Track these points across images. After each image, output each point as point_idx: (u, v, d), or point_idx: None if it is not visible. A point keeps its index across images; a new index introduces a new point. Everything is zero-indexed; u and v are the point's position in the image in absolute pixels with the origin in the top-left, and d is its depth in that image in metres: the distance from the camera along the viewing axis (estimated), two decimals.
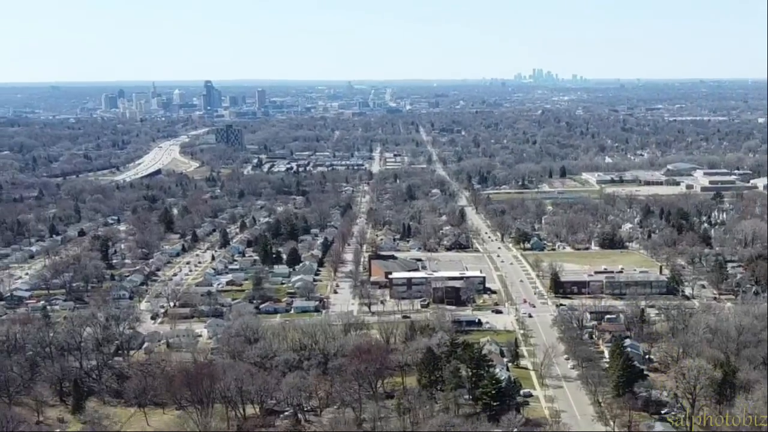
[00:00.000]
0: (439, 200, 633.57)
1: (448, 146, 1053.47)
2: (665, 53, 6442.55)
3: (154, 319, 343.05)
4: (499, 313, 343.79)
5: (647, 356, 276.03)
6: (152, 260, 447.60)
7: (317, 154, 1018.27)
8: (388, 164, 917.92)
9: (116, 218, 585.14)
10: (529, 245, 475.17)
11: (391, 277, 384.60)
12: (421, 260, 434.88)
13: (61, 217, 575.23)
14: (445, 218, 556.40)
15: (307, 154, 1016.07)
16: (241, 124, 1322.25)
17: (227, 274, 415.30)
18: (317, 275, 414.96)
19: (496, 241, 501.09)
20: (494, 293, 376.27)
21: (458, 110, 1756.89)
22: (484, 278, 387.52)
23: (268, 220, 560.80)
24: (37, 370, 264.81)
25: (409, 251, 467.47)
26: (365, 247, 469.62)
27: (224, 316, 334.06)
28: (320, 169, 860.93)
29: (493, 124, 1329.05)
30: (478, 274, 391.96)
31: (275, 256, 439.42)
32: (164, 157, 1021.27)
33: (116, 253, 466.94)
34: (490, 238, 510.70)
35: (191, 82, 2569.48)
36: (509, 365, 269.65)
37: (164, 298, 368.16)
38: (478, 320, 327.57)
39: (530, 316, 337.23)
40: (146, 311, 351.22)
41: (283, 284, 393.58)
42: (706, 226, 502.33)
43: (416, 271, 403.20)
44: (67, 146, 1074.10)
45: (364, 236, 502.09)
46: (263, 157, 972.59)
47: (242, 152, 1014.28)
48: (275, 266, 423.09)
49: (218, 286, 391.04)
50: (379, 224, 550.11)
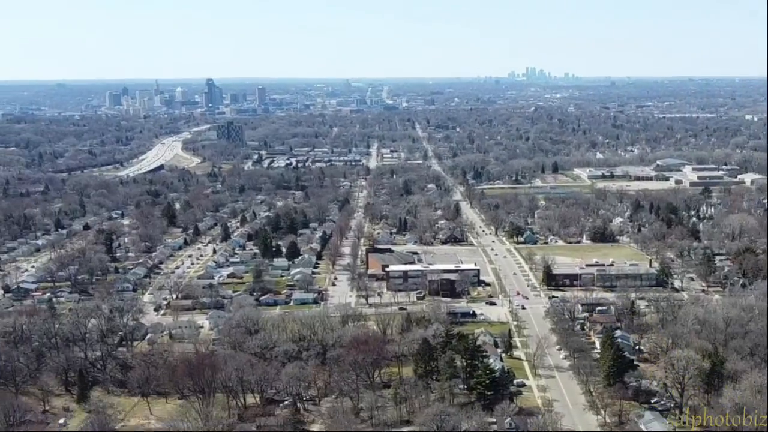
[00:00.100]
0: (434, 195, 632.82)
1: (443, 142, 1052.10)
2: (655, 52, 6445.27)
3: (157, 310, 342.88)
4: (493, 305, 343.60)
5: (637, 347, 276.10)
6: (155, 253, 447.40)
7: (316, 150, 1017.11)
8: (384, 160, 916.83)
9: (120, 212, 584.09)
10: (522, 239, 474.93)
11: (387, 269, 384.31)
12: (417, 253, 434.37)
13: (66, 211, 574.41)
14: (440, 212, 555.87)
15: (306, 150, 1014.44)
16: (241, 120, 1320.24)
17: (228, 267, 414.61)
18: (316, 268, 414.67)
19: (490, 234, 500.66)
20: (488, 286, 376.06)
21: (453, 107, 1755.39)
22: (478, 271, 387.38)
23: (268, 214, 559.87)
24: (43, 360, 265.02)
25: (405, 245, 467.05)
26: (363, 240, 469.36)
27: (225, 307, 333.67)
28: (319, 164, 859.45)
29: (487, 120, 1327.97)
30: (472, 267, 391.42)
31: (275, 249, 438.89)
32: (167, 153, 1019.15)
33: (120, 246, 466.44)
34: (484, 231, 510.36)
35: (193, 80, 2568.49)
36: (503, 356, 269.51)
37: (167, 290, 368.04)
38: (472, 312, 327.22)
39: (523, 307, 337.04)
40: (149, 303, 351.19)
41: (282, 277, 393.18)
42: (694, 220, 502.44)
43: (412, 264, 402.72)
44: (72, 142, 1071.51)
45: (361, 230, 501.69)
46: (263, 153, 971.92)
47: (243, 148, 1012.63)
48: (275, 259, 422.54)
49: (219, 278, 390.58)
50: (376, 218, 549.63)
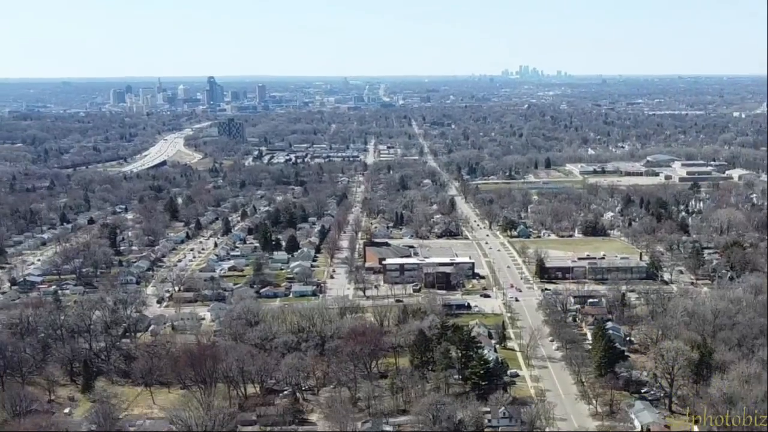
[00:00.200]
0: (430, 190, 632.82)
1: (438, 139, 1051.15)
2: (645, 51, 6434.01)
3: (159, 303, 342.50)
4: (487, 297, 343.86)
5: (628, 338, 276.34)
6: (158, 247, 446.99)
7: (315, 146, 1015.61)
8: (381, 156, 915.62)
9: (124, 207, 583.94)
10: (515, 233, 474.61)
11: (384, 263, 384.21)
12: (413, 247, 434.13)
13: (71, 206, 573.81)
14: (436, 207, 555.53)
15: (305, 146, 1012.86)
16: (242, 117, 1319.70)
17: (229, 260, 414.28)
18: (315, 261, 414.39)
19: (484, 228, 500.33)
20: (483, 278, 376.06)
21: (448, 105, 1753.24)
22: (473, 264, 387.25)
23: (267, 209, 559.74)
24: (48, 351, 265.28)
25: (401, 238, 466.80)
26: (360, 234, 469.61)
27: (226, 300, 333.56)
28: (317, 160, 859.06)
29: (481, 117, 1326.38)
30: (467, 260, 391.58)
31: (275, 243, 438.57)
32: (169, 149, 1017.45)
33: (124, 240, 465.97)
34: (478, 226, 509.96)
35: (195, 78, 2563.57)
36: (497, 347, 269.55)
37: (169, 283, 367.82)
38: (467, 304, 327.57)
39: (517, 300, 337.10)
40: (152, 295, 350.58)
41: (282, 270, 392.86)
42: (683, 214, 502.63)
43: (409, 257, 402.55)
44: (77, 139, 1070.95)
45: (359, 224, 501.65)
46: (263, 149, 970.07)
47: (243, 144, 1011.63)
48: (275, 253, 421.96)
49: (221, 271, 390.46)
50: (373, 213, 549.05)
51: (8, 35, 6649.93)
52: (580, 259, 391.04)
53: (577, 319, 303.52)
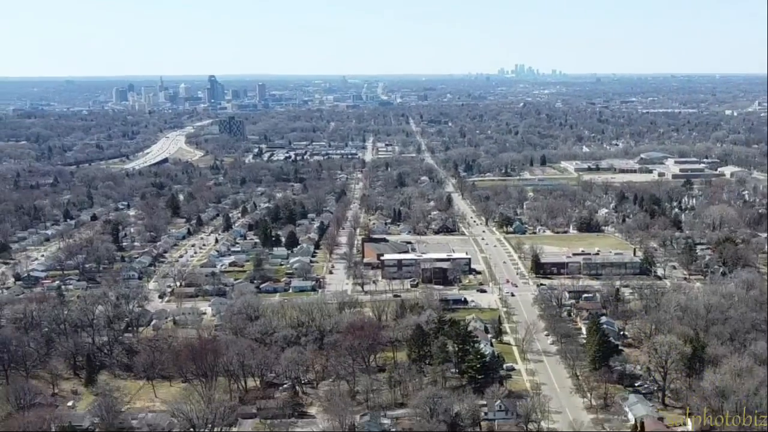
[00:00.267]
0: (427, 187, 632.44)
1: (435, 136, 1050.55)
2: (639, 50, 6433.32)
3: (161, 297, 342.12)
4: (483, 292, 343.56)
5: (622, 332, 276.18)
6: (160, 243, 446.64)
7: (314, 143, 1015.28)
8: (380, 153, 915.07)
9: (126, 204, 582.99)
10: (511, 229, 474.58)
11: (382, 258, 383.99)
12: (410, 243, 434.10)
13: (74, 202, 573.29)
14: (433, 204, 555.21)
15: (304, 143, 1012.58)
16: (242, 115, 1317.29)
17: (230, 255, 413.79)
18: (314, 257, 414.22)
19: (480, 225, 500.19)
20: (479, 274, 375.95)
21: (445, 103, 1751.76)
22: (469, 260, 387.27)
23: (267, 205, 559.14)
24: (52, 345, 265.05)
25: (399, 234, 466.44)
26: (358, 230, 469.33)
27: (227, 295, 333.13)
28: (316, 157, 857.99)
29: (477, 115, 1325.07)
30: (464, 255, 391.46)
31: (274, 239, 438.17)
32: (171, 146, 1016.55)
33: (126, 236, 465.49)
34: (475, 222, 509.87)
35: (196, 76, 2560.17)
36: (493, 341, 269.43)
37: (171, 278, 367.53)
38: (464, 299, 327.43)
39: (513, 295, 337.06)
40: (154, 290, 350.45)
41: (282, 265, 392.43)
42: (676, 211, 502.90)
43: (406, 253, 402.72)
44: (80, 136, 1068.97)
45: (357, 220, 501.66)
46: (263, 146, 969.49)
47: (244, 142, 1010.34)
48: (274, 248, 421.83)
49: (221, 267, 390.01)
50: (371, 209, 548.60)
51: (13, 35, 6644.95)
52: (574, 254, 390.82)
53: (571, 313, 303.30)
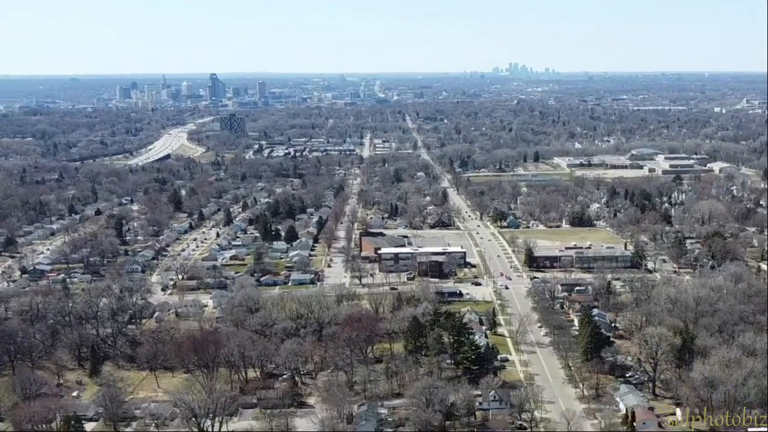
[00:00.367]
0: (423, 182, 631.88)
1: (431, 133, 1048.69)
2: (630, 49, 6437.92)
3: (164, 290, 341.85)
4: (478, 285, 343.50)
5: (613, 324, 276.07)
6: (162, 237, 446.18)
7: (313, 140, 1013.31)
8: (377, 150, 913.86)
9: (129, 199, 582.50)
10: (505, 223, 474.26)
11: (379, 252, 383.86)
12: (407, 237, 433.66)
13: (79, 197, 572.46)
14: (429, 199, 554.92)
15: (303, 140, 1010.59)
16: (243, 113, 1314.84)
17: (231, 249, 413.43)
18: (313, 251, 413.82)
19: (475, 219, 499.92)
20: (474, 267, 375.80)
21: (441, 100, 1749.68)
22: (464, 253, 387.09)
23: (267, 200, 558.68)
24: (57, 337, 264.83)
25: (396, 229, 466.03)
26: (356, 225, 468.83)
27: (228, 287, 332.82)
28: (315, 154, 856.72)
29: (472, 113, 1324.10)
30: (459, 249, 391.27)
31: (274, 233, 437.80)
32: (173, 143, 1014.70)
33: (129, 230, 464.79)
34: (470, 216, 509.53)
35: (198, 74, 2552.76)
36: (487, 333, 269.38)
37: (173, 271, 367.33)
38: (459, 292, 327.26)
39: (507, 287, 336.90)
40: (157, 283, 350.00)
41: (281, 259, 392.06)
42: (666, 206, 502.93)
43: (403, 246, 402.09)
44: (84, 133, 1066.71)
45: (355, 215, 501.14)
46: (263, 143, 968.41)
47: (244, 139, 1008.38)
48: (274, 242, 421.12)
49: (222, 260, 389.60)
50: (369, 204, 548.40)
51: (19, 34, 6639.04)
52: (567, 248, 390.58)
53: (564, 306, 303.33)
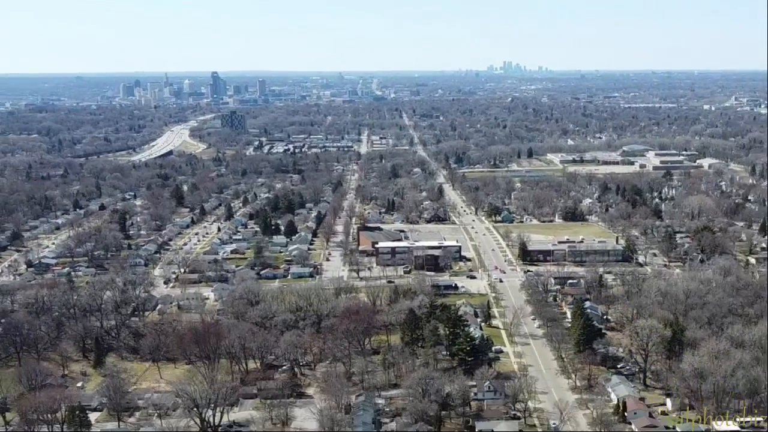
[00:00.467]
0: (419, 178, 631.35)
1: (427, 130, 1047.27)
2: (621, 47, 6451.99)
3: (166, 283, 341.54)
4: (473, 278, 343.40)
5: (605, 317, 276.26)
6: (165, 231, 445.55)
7: (311, 137, 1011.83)
8: (374, 146, 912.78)
9: (133, 194, 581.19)
10: (500, 218, 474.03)
11: (377, 246, 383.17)
12: (403, 231, 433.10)
13: (83, 193, 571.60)
14: (425, 194, 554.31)
15: (302, 137, 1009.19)
16: (243, 110, 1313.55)
17: (231, 243, 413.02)
18: (311, 245, 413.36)
19: (470, 214, 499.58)
20: (469, 261, 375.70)
21: (437, 98, 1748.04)
22: (460, 247, 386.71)
23: (267, 195, 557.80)
24: (62, 329, 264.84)
25: (393, 223, 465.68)
26: (354, 219, 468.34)
27: (229, 281, 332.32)
28: (314, 150, 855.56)
29: (467, 110, 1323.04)
30: (454, 243, 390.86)
31: (274, 227, 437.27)
32: (175, 139, 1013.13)
33: (133, 225, 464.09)
34: (465, 211, 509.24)
35: (200, 73, 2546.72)
36: (482, 325, 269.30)
37: (175, 265, 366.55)
38: (454, 285, 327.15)
39: (501, 281, 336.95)
40: (159, 277, 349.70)
41: (281, 253, 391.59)
42: (657, 201, 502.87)
43: (400, 241, 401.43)
44: (89, 130, 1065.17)
45: (353, 210, 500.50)
46: (263, 139, 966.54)
47: (245, 135, 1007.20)
48: (274, 237, 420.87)
49: (223, 254, 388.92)
50: (366, 199, 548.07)
51: (25, 33, 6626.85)
52: (560, 242, 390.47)
53: (557, 298, 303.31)
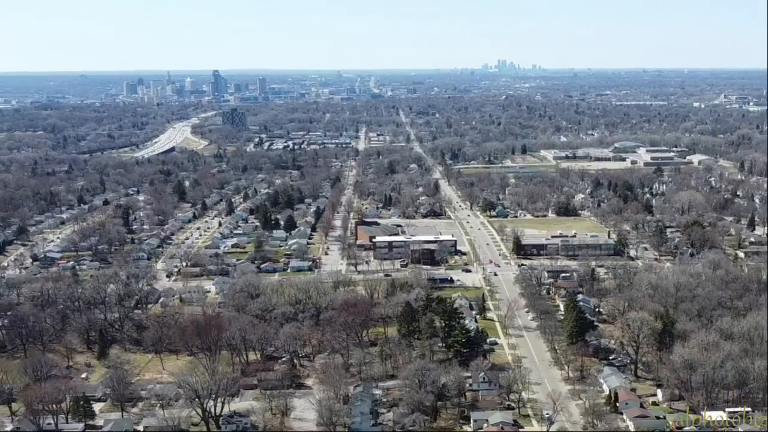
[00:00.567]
0: (416, 174, 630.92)
1: (424, 127, 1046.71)
2: (613, 46, 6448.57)
3: (168, 277, 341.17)
4: (468, 272, 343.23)
5: (597, 309, 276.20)
6: (167, 226, 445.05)
7: (310, 133, 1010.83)
8: (372, 143, 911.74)
9: (136, 189, 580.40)
10: (494, 213, 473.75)
11: (374, 240, 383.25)
12: (400, 226, 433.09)
13: (88, 188, 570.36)
14: (421, 189, 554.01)
15: (301, 133, 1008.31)
16: (244, 107, 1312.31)
17: (232, 238, 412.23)
18: (310, 239, 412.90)
19: (465, 209, 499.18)
20: (464, 255, 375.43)
21: (433, 96, 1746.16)
22: (455, 242, 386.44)
23: (267, 191, 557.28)
24: (67, 321, 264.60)
25: (390, 218, 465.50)
26: (352, 214, 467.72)
27: (230, 274, 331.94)
28: (313, 146, 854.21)
29: (463, 107, 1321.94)
30: (450, 238, 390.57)
31: (274, 222, 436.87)
32: (177, 136, 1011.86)
33: (136, 219, 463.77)
34: (460, 206, 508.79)
35: (201, 71, 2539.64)
36: (477, 317, 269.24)
37: (178, 258, 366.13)
38: (450, 278, 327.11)
39: (495, 274, 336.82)
40: (162, 270, 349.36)
41: (280, 247, 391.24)
42: (648, 196, 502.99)
43: (396, 235, 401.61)
44: (93, 127, 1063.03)
45: (351, 205, 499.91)
46: (263, 136, 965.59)
47: (245, 132, 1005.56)
48: (274, 231, 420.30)
49: (224, 248, 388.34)
50: (364, 195, 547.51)
51: (30, 32, 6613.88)
52: (553, 237, 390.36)
53: (550, 291, 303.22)
